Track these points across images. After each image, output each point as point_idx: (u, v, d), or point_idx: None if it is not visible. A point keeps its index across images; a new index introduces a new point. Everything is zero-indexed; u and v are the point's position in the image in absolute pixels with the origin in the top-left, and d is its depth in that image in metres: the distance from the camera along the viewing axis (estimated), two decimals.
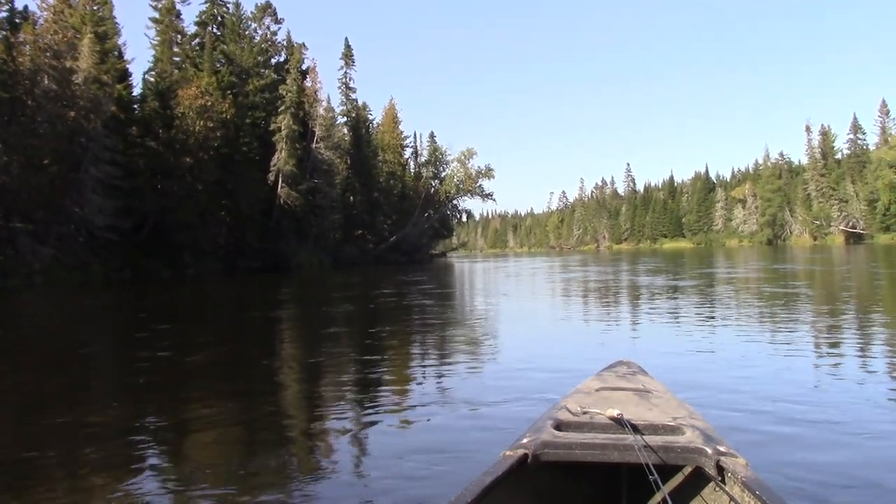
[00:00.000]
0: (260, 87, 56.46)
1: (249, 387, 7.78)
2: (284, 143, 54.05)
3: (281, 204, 54.28)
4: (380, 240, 76.54)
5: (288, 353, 11.10)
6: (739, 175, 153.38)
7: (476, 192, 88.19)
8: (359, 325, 14.55)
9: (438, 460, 4.55)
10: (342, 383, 7.87)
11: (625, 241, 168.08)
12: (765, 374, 7.16)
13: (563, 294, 22.33)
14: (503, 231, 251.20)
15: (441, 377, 7.77)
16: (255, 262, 50.08)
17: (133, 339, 12.56)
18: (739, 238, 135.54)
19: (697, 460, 2.69)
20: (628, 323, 12.96)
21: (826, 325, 11.41)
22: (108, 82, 38.86)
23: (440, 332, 12.36)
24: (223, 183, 46.88)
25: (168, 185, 42.98)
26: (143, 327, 14.77)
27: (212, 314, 19.15)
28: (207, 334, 13.61)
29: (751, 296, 18.32)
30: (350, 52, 74.88)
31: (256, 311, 19.12)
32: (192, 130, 43.65)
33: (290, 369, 9.22)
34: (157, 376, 8.42)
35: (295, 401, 7.25)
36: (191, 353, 10.48)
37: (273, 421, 6.19)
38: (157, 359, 9.73)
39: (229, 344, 11.99)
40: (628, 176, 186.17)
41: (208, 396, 7.35)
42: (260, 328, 14.48)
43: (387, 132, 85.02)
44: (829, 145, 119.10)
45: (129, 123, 43.10)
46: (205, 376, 8.66)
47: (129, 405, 6.99)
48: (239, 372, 8.84)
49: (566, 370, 7.40)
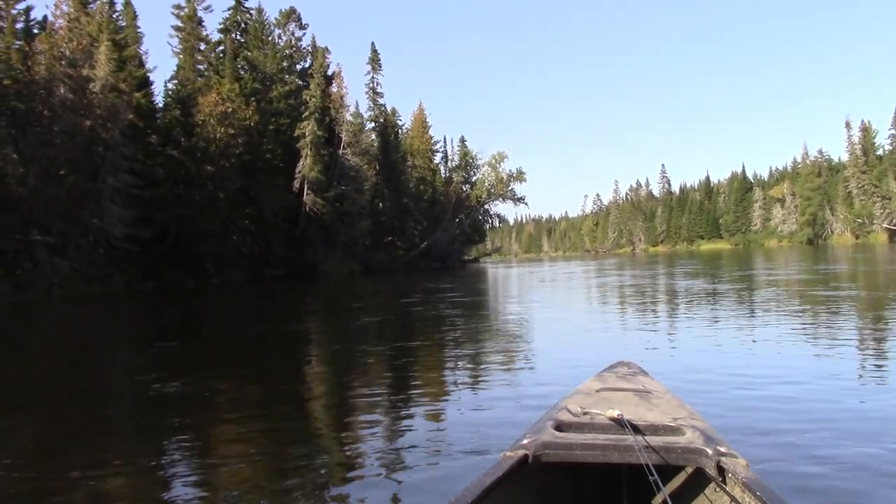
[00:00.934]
0: (284, 93, 55.61)
1: (272, 415, 6.97)
2: (309, 150, 53.03)
3: (307, 211, 53.24)
4: (410, 246, 75.45)
5: (303, 371, 10.28)
6: (777, 174, 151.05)
7: (508, 196, 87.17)
8: (381, 339, 13.71)
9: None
10: (361, 402, 7.37)
11: (661, 244, 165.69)
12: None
13: (599, 301, 20.74)
14: (537, 235, 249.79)
15: (466, 402, 6.98)
16: (280, 271, 49.12)
17: (149, 360, 11.52)
18: (778, 238, 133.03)
19: (698, 461, 2.68)
20: (679, 336, 11.46)
21: (860, 328, 11.13)
22: (126, 90, 38.04)
23: (464, 348, 11.20)
24: (246, 191, 45.92)
25: (189, 193, 42.08)
26: (161, 344, 13.93)
27: (230, 326, 18.18)
28: (225, 350, 12.80)
29: (798, 299, 17.21)
30: (377, 56, 73.93)
31: (273, 324, 18.02)
32: (212, 138, 42.72)
33: (306, 389, 8.67)
34: (181, 406, 7.58)
35: (316, 425, 6.66)
36: (207, 373, 9.81)
37: (299, 444, 5.64)
38: (175, 383, 9.02)
39: (246, 362, 11.11)
40: (663, 177, 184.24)
41: (232, 421, 6.73)
42: (276, 343, 13.59)
43: (416, 137, 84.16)
44: (870, 141, 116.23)
45: (149, 132, 42.28)
46: (227, 404, 7.72)
47: (151, 441, 6.17)
48: (259, 399, 7.96)
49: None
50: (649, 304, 18.44)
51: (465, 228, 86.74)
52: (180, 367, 10.53)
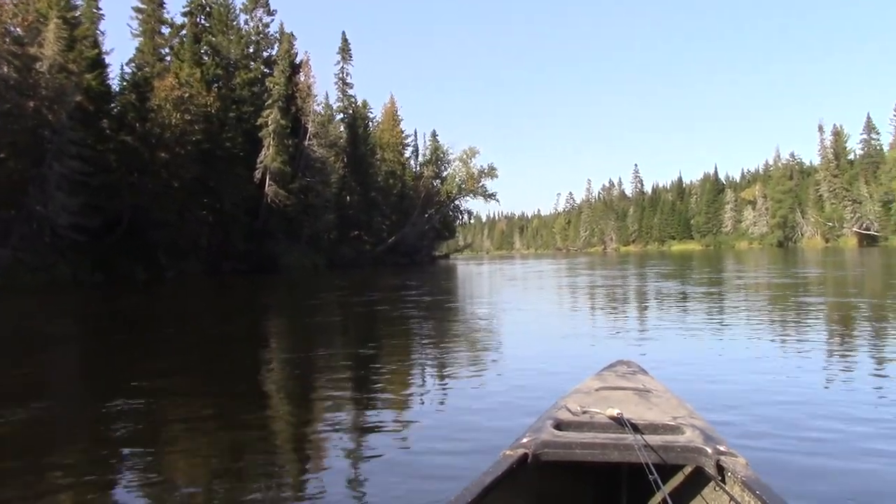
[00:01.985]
0: (248, 80, 53.79)
1: (225, 423, 6.27)
2: (272, 139, 51.24)
3: (269, 203, 51.50)
4: (378, 241, 74.11)
5: (252, 378, 8.83)
6: (749, 176, 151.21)
7: (479, 192, 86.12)
8: (334, 342, 12.33)
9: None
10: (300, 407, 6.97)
11: (632, 243, 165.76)
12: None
13: (570, 304, 19.35)
14: (509, 233, 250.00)
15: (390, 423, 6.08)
16: (239, 264, 47.34)
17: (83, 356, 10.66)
18: (749, 240, 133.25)
19: (697, 460, 2.70)
20: (655, 338, 10.74)
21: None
22: (76, 71, 36.10)
23: (426, 353, 10.10)
24: (204, 180, 44.17)
25: (142, 181, 40.22)
26: (97, 339, 12.89)
27: (176, 323, 16.76)
28: (163, 349, 11.50)
29: (766, 304, 16.45)
30: (347, 46, 72.40)
31: (221, 322, 16.70)
32: (167, 124, 40.85)
33: (257, 398, 7.47)
34: (118, 418, 6.43)
35: (274, 437, 5.86)
36: (144, 378, 8.54)
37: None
38: (115, 385, 8.09)
39: (183, 366, 9.79)
40: (636, 177, 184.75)
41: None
42: (221, 344, 12.14)
43: (386, 130, 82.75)
44: (842, 145, 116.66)
45: (101, 116, 40.30)
46: (171, 414, 6.72)
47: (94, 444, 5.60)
48: (207, 407, 6.99)
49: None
50: (621, 306, 17.31)
51: (435, 224, 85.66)
52: (107, 369, 9.57)
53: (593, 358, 7.52)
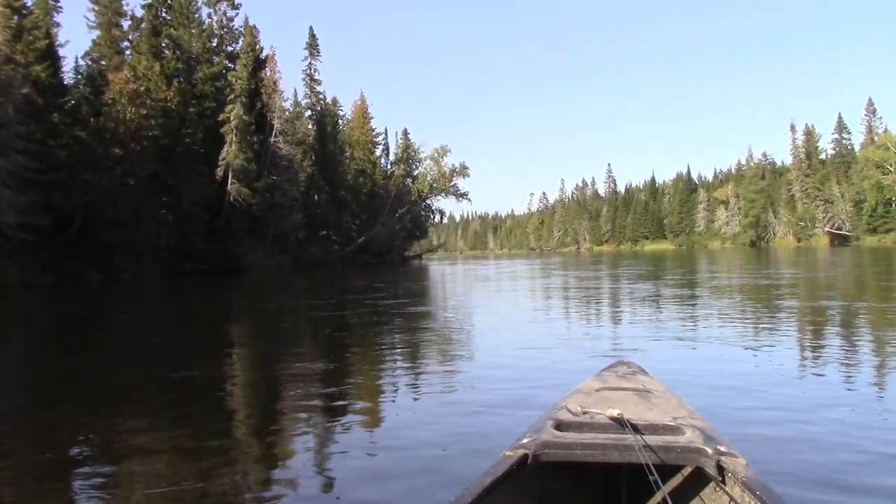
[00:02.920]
0: (210, 74, 52.05)
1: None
2: (234, 135, 49.58)
3: (231, 201, 49.89)
4: (347, 240, 72.75)
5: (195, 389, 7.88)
6: (722, 176, 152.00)
7: (450, 191, 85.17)
8: (270, 349, 11.42)
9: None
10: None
11: (605, 243, 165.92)
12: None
13: (543, 308, 18.11)
14: (483, 232, 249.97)
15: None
16: (200, 265, 45.70)
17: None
18: (722, 240, 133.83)
19: (698, 460, 2.69)
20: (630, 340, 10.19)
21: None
22: (22, 62, 34.36)
23: (373, 373, 8.77)
24: (162, 177, 42.51)
25: (96, 178, 38.46)
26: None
27: (115, 328, 15.39)
28: (98, 358, 10.57)
29: (755, 306, 15.66)
30: (315, 41, 70.93)
31: (146, 326, 15.20)
32: (122, 118, 39.10)
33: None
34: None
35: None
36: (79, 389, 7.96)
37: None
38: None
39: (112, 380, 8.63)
40: (609, 177, 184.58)
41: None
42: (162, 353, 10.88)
43: (356, 128, 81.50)
44: (814, 145, 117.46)
45: (52, 110, 38.43)
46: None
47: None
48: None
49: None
50: (597, 309, 16.24)
51: (406, 223, 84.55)
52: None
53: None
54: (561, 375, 7.06)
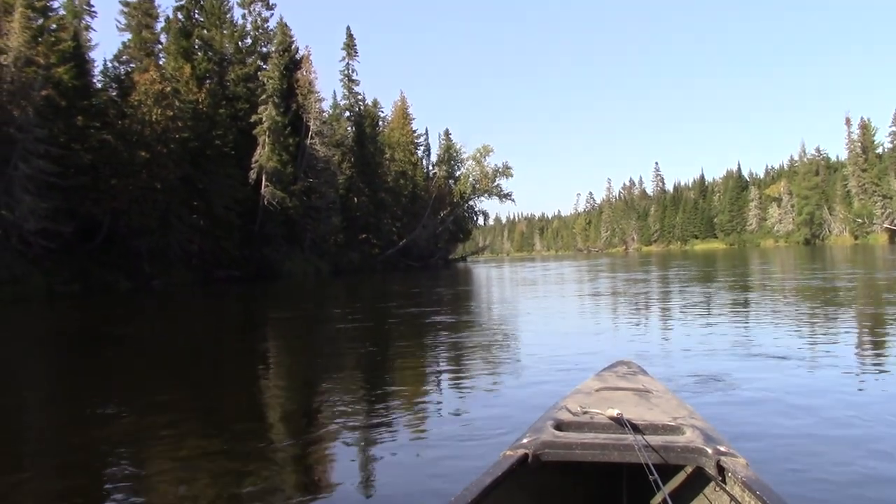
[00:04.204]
0: (243, 75, 50.62)
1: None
2: (267, 137, 48.04)
3: (266, 205, 48.40)
4: (387, 244, 71.06)
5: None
6: (774, 172, 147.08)
7: (493, 191, 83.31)
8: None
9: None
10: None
11: (654, 243, 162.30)
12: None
13: (592, 321, 15.87)
14: (529, 234, 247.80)
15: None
16: (234, 271, 44.23)
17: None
18: (774, 238, 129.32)
19: (698, 460, 2.67)
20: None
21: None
22: (43, 64, 33.15)
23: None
24: (192, 181, 41.12)
25: (122, 183, 37.15)
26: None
27: (133, 341, 13.92)
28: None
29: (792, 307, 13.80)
30: (352, 41, 69.27)
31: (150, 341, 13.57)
32: (148, 120, 37.75)
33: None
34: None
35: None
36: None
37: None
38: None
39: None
40: (657, 175, 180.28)
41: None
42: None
43: (396, 129, 79.84)
44: (870, 139, 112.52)
45: (75, 113, 37.19)
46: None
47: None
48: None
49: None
50: (646, 319, 13.87)
51: (449, 225, 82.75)
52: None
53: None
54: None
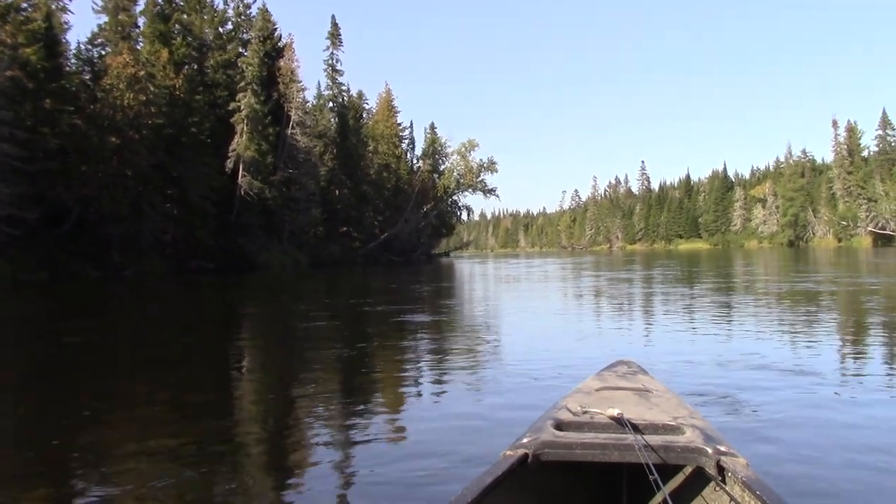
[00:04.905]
0: (222, 62, 49.46)
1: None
2: (245, 125, 46.87)
3: (242, 195, 47.27)
4: (368, 238, 70.05)
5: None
6: (759, 173, 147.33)
7: (477, 186, 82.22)
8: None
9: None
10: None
11: (638, 242, 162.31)
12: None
13: (575, 326, 15.10)
14: (514, 230, 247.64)
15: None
16: (209, 262, 43.10)
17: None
18: (759, 239, 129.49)
19: (698, 460, 2.67)
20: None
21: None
22: (9, 43, 31.88)
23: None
24: (167, 169, 39.95)
25: (92, 169, 35.95)
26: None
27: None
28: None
29: (776, 309, 14.15)
30: (337, 30, 68.09)
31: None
32: (119, 105, 36.53)
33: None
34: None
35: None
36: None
37: None
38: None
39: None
40: (643, 174, 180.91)
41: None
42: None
43: (381, 121, 78.78)
44: (856, 142, 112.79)
45: (43, 95, 35.87)
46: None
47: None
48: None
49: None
50: (630, 323, 13.03)
51: (432, 220, 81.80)
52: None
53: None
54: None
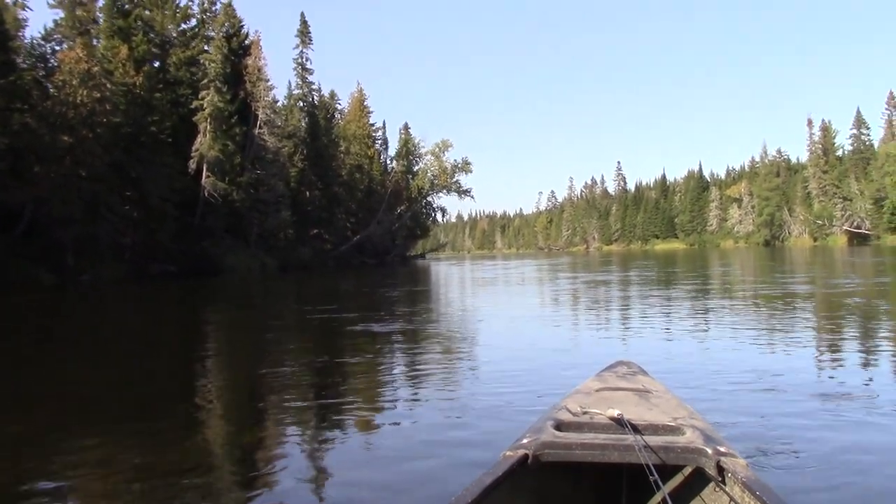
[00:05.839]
0: (185, 59, 47.81)
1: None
2: (208, 124, 45.26)
3: (206, 197, 45.63)
4: (340, 240, 68.59)
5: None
6: (735, 173, 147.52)
7: (452, 187, 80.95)
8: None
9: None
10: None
11: (615, 242, 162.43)
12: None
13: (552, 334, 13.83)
14: (491, 232, 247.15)
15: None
16: (171, 266, 41.39)
17: None
18: (735, 239, 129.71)
19: (698, 461, 2.68)
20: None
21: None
22: None
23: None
24: (126, 169, 38.28)
25: (44, 169, 34.23)
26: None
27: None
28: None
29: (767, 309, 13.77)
30: (307, 28, 66.70)
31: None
32: (72, 102, 34.86)
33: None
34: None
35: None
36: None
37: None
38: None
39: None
40: (619, 174, 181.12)
41: None
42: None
43: (352, 121, 77.28)
44: (830, 141, 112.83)
45: None
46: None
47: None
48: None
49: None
50: (609, 328, 11.85)
51: (406, 221, 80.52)
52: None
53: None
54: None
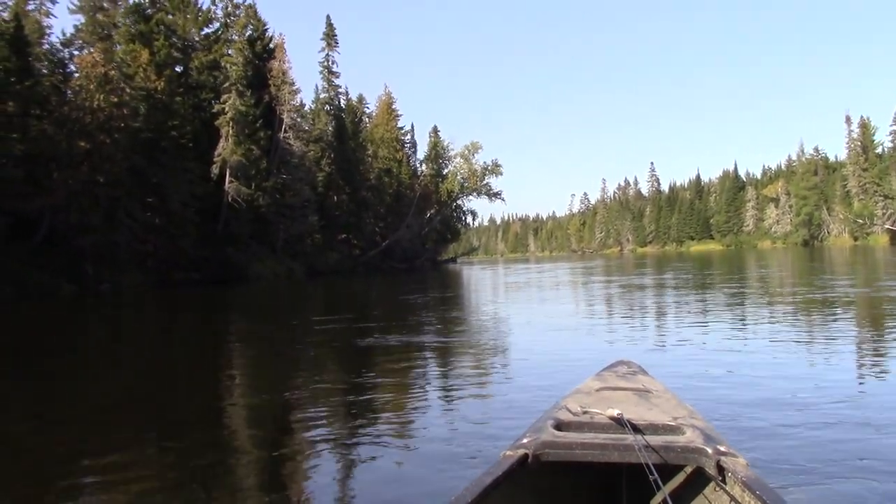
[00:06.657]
0: (207, 63, 47.03)
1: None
2: (231, 128, 44.35)
3: (230, 202, 44.75)
4: (369, 245, 67.56)
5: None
6: (771, 172, 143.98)
7: (482, 190, 79.62)
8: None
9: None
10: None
11: (649, 244, 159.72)
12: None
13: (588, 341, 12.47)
14: (524, 235, 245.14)
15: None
16: (194, 273, 40.49)
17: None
18: (772, 239, 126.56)
19: (698, 460, 2.67)
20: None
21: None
22: None
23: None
24: (146, 175, 37.48)
25: (62, 176, 33.49)
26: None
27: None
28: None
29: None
30: (332, 31, 65.86)
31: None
32: (89, 107, 34.11)
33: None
34: None
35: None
36: None
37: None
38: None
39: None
40: (652, 175, 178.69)
41: None
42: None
43: (380, 125, 76.33)
44: (870, 138, 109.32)
45: (5, 98, 33.31)
46: None
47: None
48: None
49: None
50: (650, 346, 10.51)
51: (436, 225, 79.34)
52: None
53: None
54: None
